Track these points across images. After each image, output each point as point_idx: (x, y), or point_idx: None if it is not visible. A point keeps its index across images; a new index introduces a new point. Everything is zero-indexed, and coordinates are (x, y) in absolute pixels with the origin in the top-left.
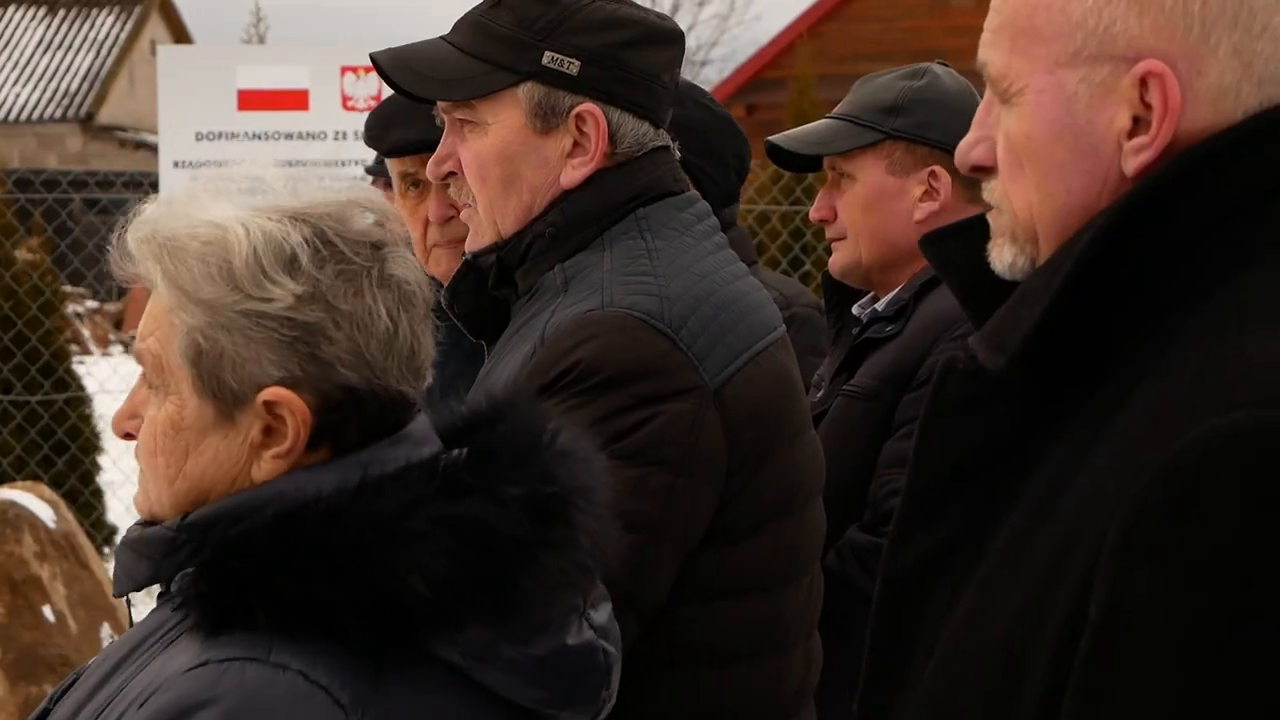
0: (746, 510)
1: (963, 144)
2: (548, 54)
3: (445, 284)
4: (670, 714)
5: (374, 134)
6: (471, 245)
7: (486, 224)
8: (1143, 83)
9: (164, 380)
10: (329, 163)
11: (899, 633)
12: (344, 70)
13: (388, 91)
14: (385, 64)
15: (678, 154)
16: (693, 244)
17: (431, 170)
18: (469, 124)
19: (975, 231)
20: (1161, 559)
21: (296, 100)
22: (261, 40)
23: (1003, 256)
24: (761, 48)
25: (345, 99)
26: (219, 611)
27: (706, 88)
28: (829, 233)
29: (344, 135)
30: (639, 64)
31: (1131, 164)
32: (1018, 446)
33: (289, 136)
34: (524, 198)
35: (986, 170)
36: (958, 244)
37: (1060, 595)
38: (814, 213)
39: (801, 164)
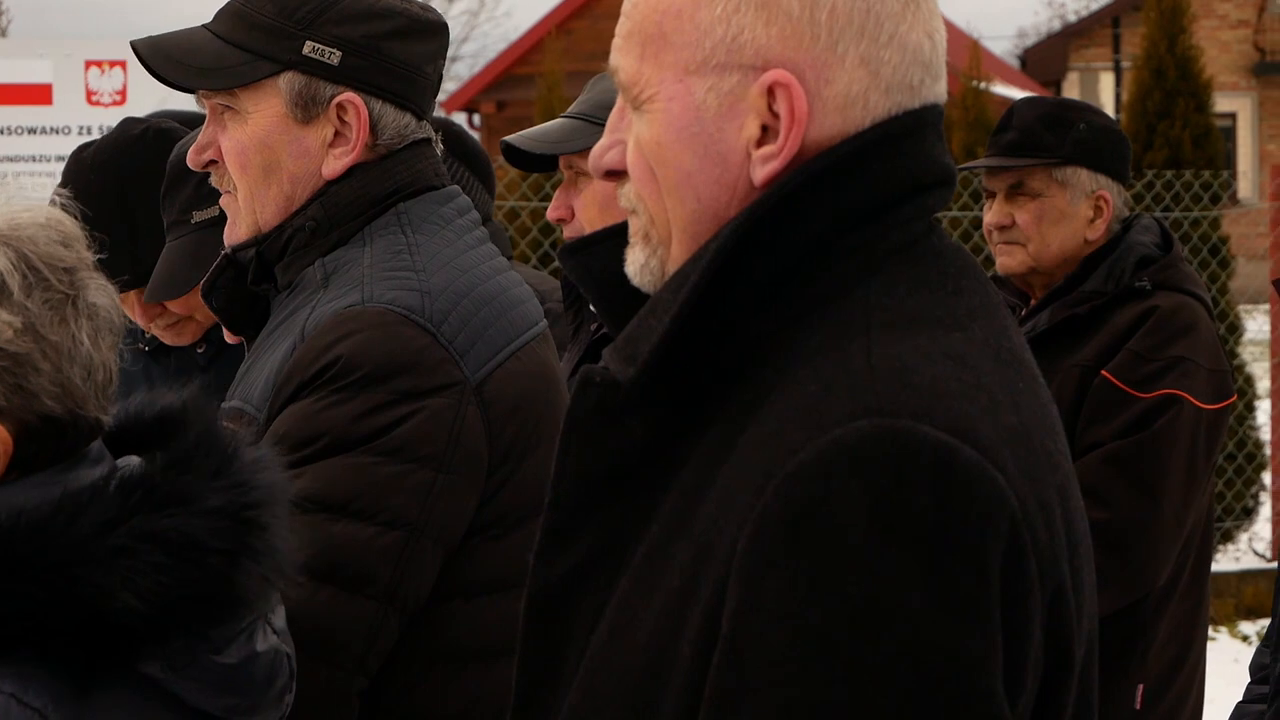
0: (510, 506)
1: (595, 148)
2: (308, 44)
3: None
4: (435, 709)
5: None
6: (230, 238)
7: (245, 214)
8: (770, 92)
9: None
10: None
11: (547, 651)
12: (88, 64)
13: (133, 87)
14: (144, 52)
15: (440, 148)
16: (454, 238)
17: (192, 159)
18: (230, 112)
19: (615, 241)
20: (786, 570)
21: (39, 94)
22: (3, 34)
23: (635, 259)
24: (511, 44)
25: (90, 94)
26: None
27: (457, 84)
28: (566, 232)
29: (88, 130)
30: (401, 55)
31: (760, 173)
32: (654, 458)
33: (32, 131)
34: (285, 187)
35: (620, 174)
36: (598, 253)
37: (695, 607)
38: (551, 212)
39: (539, 164)
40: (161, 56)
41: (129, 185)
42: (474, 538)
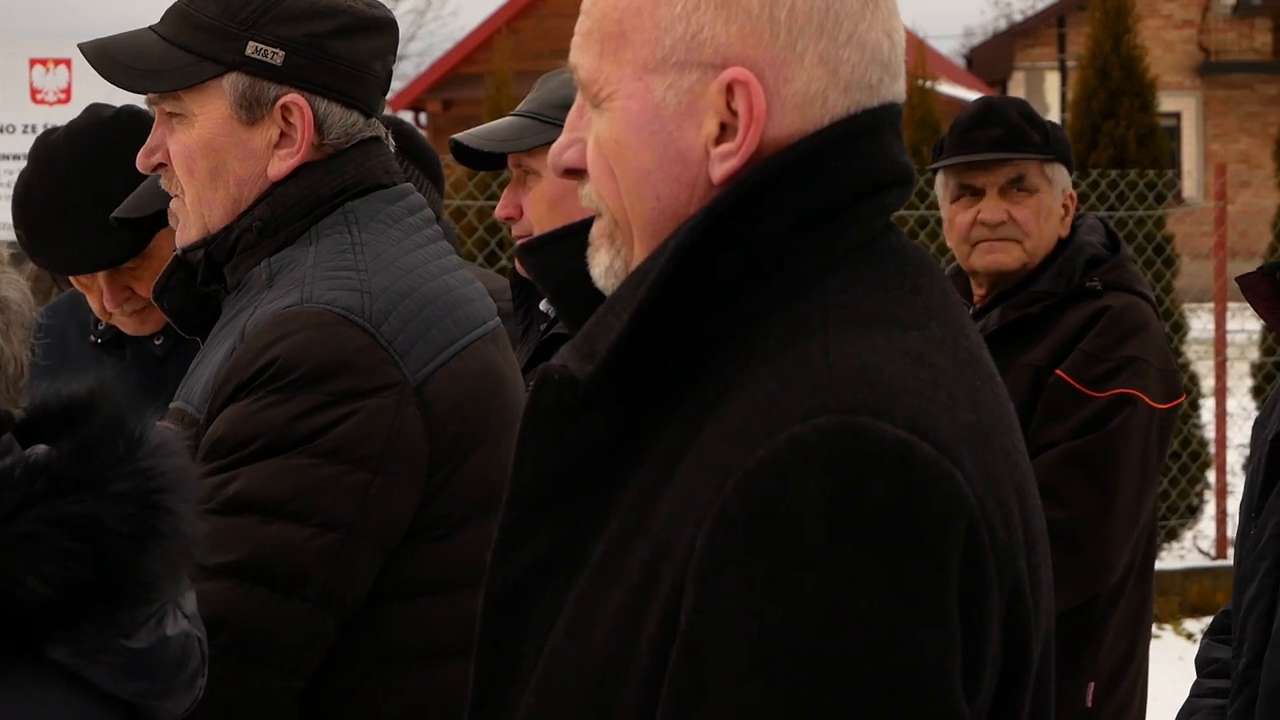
0: (451, 506)
1: (555, 146)
2: (252, 44)
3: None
4: (375, 710)
5: (29, 247)
6: (180, 240)
7: (194, 217)
8: (729, 90)
9: None
10: (17, 156)
11: (504, 649)
12: (32, 62)
13: (78, 85)
14: (90, 55)
15: (392, 145)
16: (401, 237)
17: (141, 162)
18: (176, 115)
19: (575, 239)
20: (745, 568)
21: None
22: None
23: (599, 261)
24: (458, 43)
25: (34, 92)
26: None
27: (403, 83)
28: (515, 230)
29: (32, 128)
30: (346, 53)
31: (718, 171)
32: (613, 455)
33: None
34: (231, 190)
35: (579, 173)
36: (556, 251)
37: (654, 605)
38: (500, 210)
39: (487, 162)
40: (107, 60)
41: (100, 165)
42: (415, 538)
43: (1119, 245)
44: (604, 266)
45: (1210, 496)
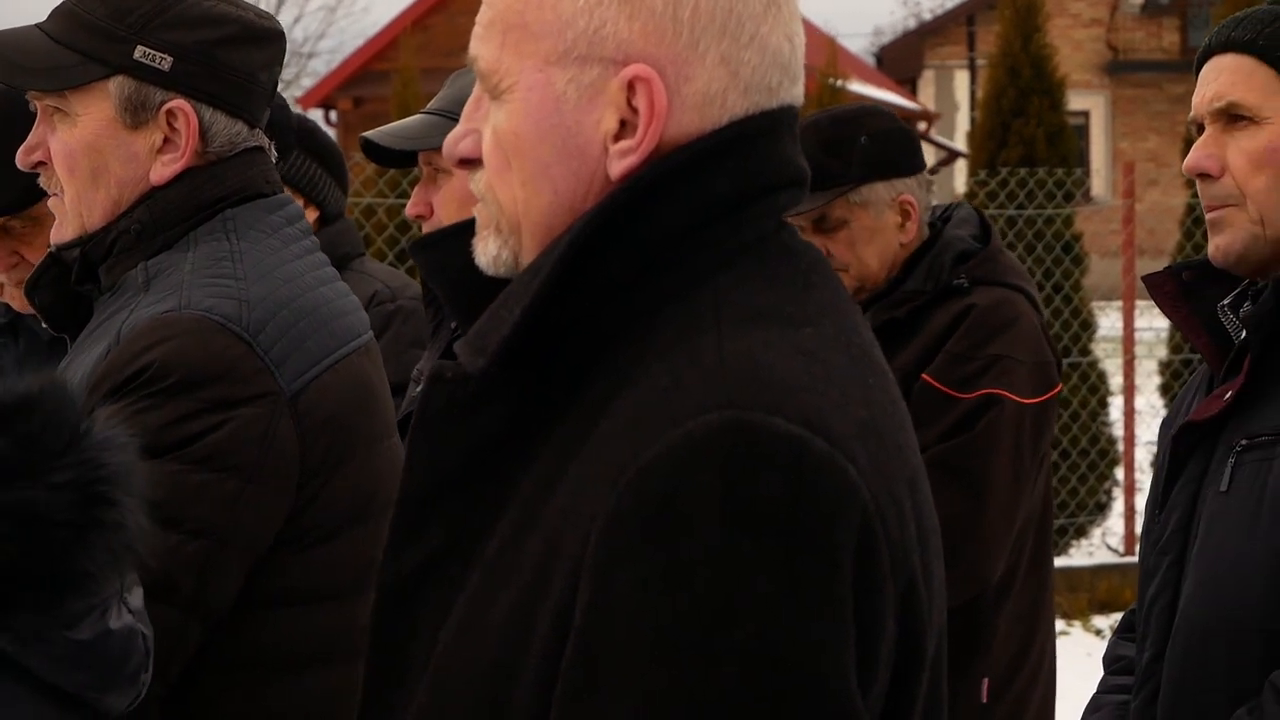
0: (321, 517)
1: (450, 136)
2: (140, 48)
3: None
4: (241, 717)
5: None
6: (56, 237)
7: (72, 216)
8: (630, 86)
9: None
10: None
11: (395, 648)
12: None
13: None
14: None
15: (274, 155)
16: (279, 247)
17: (21, 159)
18: (59, 113)
19: (467, 235)
20: (638, 564)
21: None
22: None
23: (487, 250)
24: (368, 40)
25: None
26: None
27: (313, 80)
28: (426, 228)
29: None
30: (235, 62)
31: (616, 167)
32: (507, 451)
33: None
34: (111, 192)
35: (474, 163)
36: (449, 248)
37: (547, 602)
38: (410, 208)
39: (398, 160)
40: None
41: (19, 114)
42: (285, 548)
43: (990, 236)
44: (491, 256)
45: (1119, 494)
